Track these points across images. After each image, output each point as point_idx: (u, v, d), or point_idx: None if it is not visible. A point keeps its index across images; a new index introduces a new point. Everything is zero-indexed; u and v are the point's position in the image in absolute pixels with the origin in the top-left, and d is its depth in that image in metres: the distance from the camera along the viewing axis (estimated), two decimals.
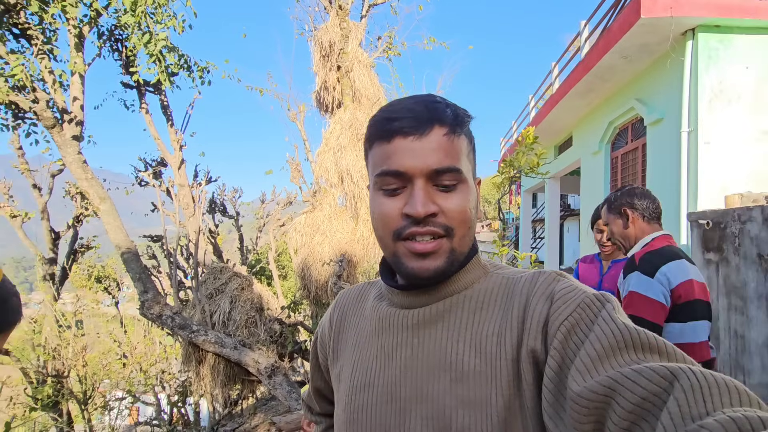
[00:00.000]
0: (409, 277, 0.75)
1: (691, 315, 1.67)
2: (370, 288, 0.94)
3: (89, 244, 11.76)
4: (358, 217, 8.83)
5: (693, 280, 1.68)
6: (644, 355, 0.56)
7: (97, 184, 6.47)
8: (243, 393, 7.91)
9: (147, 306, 6.62)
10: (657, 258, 1.72)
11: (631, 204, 1.95)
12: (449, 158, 0.71)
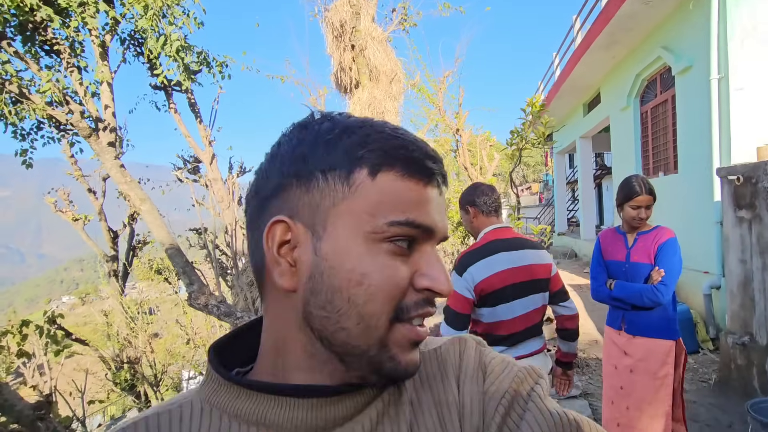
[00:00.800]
0: (390, 376, 0.49)
1: (499, 300, 2.03)
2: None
3: (145, 240, 12.29)
4: None
5: (498, 273, 2.03)
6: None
7: (136, 186, 6.67)
8: None
9: (194, 297, 6.85)
10: (468, 259, 2.07)
11: (472, 201, 2.24)
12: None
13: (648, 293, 2.35)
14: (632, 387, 2.42)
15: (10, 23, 5.44)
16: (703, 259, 5.47)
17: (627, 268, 2.50)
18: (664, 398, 2.34)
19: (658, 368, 2.37)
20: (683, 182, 6.11)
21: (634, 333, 2.46)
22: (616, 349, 2.53)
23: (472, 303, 2.05)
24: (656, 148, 7.45)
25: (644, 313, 2.43)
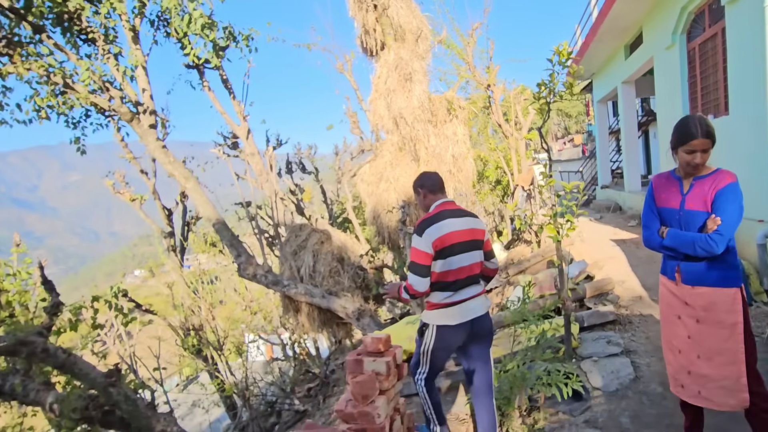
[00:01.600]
0: None
1: (449, 254, 2.58)
2: None
3: (197, 215, 12.69)
4: (419, 159, 8.53)
5: (448, 233, 2.59)
6: None
7: (180, 165, 6.80)
8: (339, 334, 8.30)
9: (242, 268, 7.03)
10: (425, 224, 2.61)
11: (421, 184, 2.86)
12: None
13: (701, 243, 2.13)
14: (701, 336, 2.25)
15: (47, 16, 5.51)
16: (756, 206, 5.01)
17: (681, 216, 2.28)
18: (735, 346, 2.16)
19: (725, 317, 2.17)
20: (735, 125, 5.56)
21: (692, 283, 2.26)
22: (676, 300, 2.34)
23: (431, 257, 2.58)
24: (705, 89, 6.80)
25: (700, 262, 2.21)
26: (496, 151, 15.82)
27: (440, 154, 9.38)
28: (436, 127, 9.53)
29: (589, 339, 4.28)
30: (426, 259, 2.55)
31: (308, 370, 9.78)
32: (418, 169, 9.57)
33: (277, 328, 12.91)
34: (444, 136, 9.54)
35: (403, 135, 9.30)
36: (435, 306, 2.60)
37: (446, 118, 9.63)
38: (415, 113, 8.93)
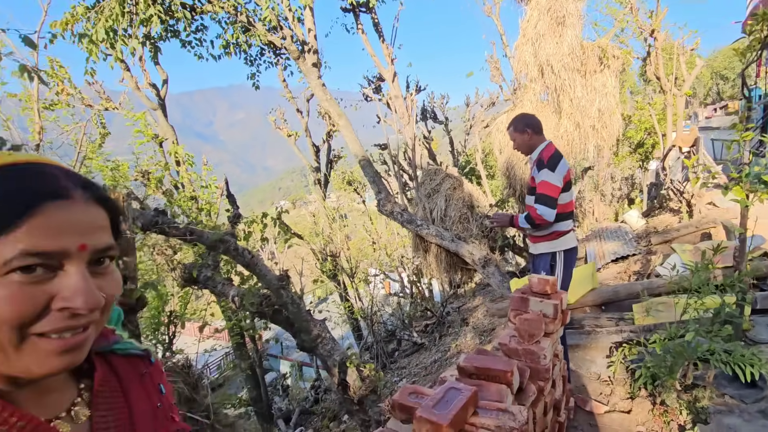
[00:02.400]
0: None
1: (568, 188, 2.83)
2: None
3: (339, 154, 13.24)
4: (561, 110, 7.73)
5: (569, 170, 2.85)
6: None
7: (335, 104, 6.97)
8: (462, 279, 8.20)
9: (382, 204, 7.16)
10: (555, 160, 2.79)
11: (528, 124, 2.90)
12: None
13: None
14: None
15: None
16: None
17: None
18: None
19: None
20: None
21: None
22: None
23: (560, 190, 2.77)
24: None
25: None
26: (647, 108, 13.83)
27: (585, 107, 8.41)
28: (584, 77, 8.51)
29: (763, 323, 3.59)
30: (556, 192, 2.77)
31: (427, 308, 9.97)
32: (560, 122, 8.72)
33: (397, 267, 13.32)
34: (592, 88, 8.50)
35: (547, 84, 8.47)
36: (560, 234, 2.87)
37: (597, 68, 8.54)
38: (564, 61, 8.02)
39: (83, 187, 0.52)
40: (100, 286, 0.51)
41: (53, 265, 0.48)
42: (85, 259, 0.50)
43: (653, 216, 9.03)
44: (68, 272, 0.49)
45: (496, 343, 1.97)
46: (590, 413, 2.63)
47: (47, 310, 0.48)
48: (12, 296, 0.45)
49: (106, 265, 0.54)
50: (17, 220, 0.46)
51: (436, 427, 1.22)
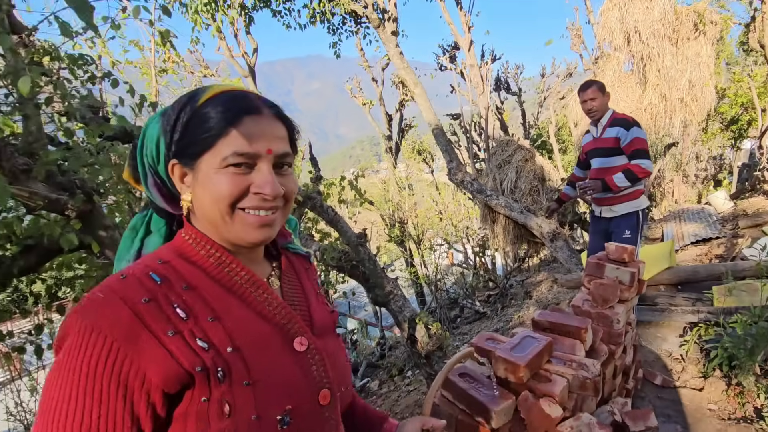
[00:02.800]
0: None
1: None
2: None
3: (411, 124, 13.21)
4: (647, 81, 7.14)
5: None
6: None
7: (411, 72, 6.95)
8: (529, 252, 8.04)
9: (452, 173, 7.13)
10: (638, 122, 3.00)
11: (603, 87, 3.06)
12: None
13: None
14: None
15: None
16: None
17: None
18: None
19: None
20: None
21: None
22: None
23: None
24: None
25: None
26: (746, 80, 12.34)
27: (674, 78, 7.71)
28: (675, 45, 7.77)
29: None
30: (648, 146, 2.97)
31: (490, 279, 9.91)
32: (644, 94, 8.09)
33: (462, 238, 13.27)
34: (683, 57, 7.75)
35: (633, 53, 7.84)
36: (641, 193, 3.04)
37: (690, 35, 7.74)
38: (654, 27, 7.37)
39: (269, 107, 0.69)
40: (281, 182, 0.68)
41: (250, 163, 0.65)
42: (271, 161, 0.67)
43: (743, 198, 8.23)
44: (260, 169, 0.66)
45: (569, 307, 1.98)
46: (659, 387, 2.58)
47: (247, 193, 0.65)
48: (228, 181, 0.64)
49: (285, 169, 0.70)
50: (229, 128, 0.64)
51: (513, 367, 1.30)
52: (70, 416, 0.53)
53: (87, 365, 0.54)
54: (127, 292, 0.58)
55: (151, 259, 0.66)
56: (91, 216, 1.75)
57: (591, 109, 3.02)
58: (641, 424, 1.45)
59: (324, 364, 0.70)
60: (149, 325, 0.57)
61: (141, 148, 0.70)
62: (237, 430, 0.58)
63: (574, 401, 1.37)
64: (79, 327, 0.56)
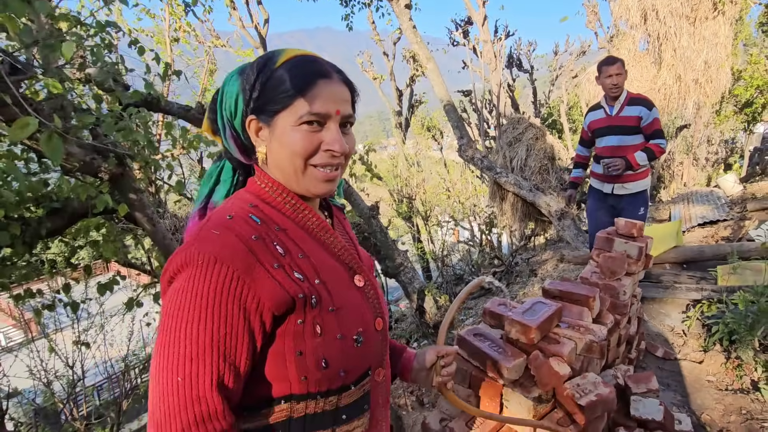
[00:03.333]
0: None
1: None
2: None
3: (421, 99, 13.08)
4: (662, 61, 7.02)
5: None
6: None
7: (424, 47, 6.86)
8: (536, 230, 8.08)
9: (463, 149, 7.12)
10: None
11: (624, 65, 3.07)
12: None
13: None
14: None
15: None
16: None
17: None
18: None
19: None
20: None
21: None
22: None
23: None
24: None
25: None
26: (763, 61, 12.05)
27: (690, 59, 7.56)
28: (693, 24, 7.59)
29: None
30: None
31: (496, 256, 9.99)
32: (658, 74, 7.96)
33: (468, 216, 13.30)
34: (700, 37, 7.57)
35: (650, 31, 7.67)
36: (650, 171, 3.14)
37: (709, 14, 7.55)
38: (672, 5, 7.19)
39: (337, 72, 0.76)
40: (345, 141, 0.76)
41: (321, 122, 0.73)
42: (338, 122, 0.74)
43: (753, 182, 8.19)
44: (329, 128, 0.74)
45: (577, 278, 2.05)
46: (660, 358, 2.67)
47: (318, 150, 0.74)
48: (303, 138, 0.72)
49: (348, 128, 0.78)
50: (305, 90, 0.71)
51: (525, 329, 1.38)
52: (201, 333, 0.62)
53: (213, 290, 0.64)
54: (238, 229, 0.68)
55: (241, 202, 0.75)
56: (122, 179, 1.82)
57: (616, 85, 3.00)
58: (643, 386, 1.54)
59: (377, 297, 0.84)
60: (260, 258, 0.67)
61: (220, 103, 0.78)
62: (326, 346, 0.70)
63: (581, 362, 1.45)
64: (202, 258, 0.65)
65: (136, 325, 4.64)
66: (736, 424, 2.09)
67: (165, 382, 0.62)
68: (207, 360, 0.62)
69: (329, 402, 0.73)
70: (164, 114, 3.43)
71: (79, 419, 3.95)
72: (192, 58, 5.49)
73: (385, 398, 0.86)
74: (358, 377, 0.77)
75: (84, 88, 3.01)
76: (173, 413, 0.61)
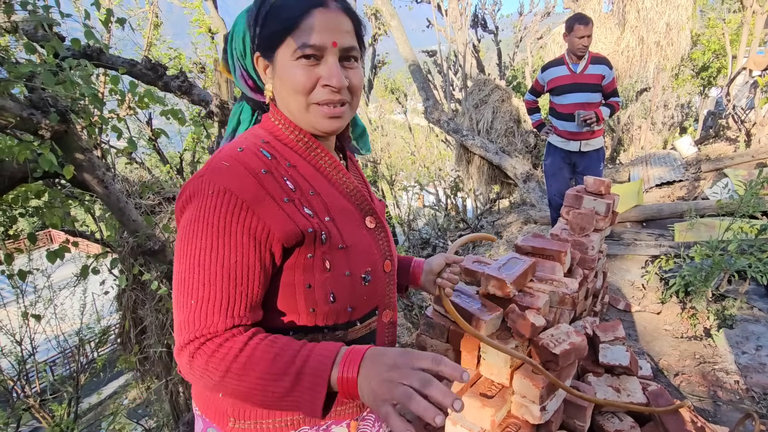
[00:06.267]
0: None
1: None
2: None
3: (383, 60, 12.81)
4: (625, 23, 7.16)
5: None
6: None
7: (388, 2, 6.67)
8: (501, 193, 8.26)
9: (429, 111, 7.09)
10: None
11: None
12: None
13: None
14: None
15: None
16: None
17: None
18: None
19: None
20: None
21: None
22: None
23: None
24: None
25: None
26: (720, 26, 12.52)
27: (652, 20, 7.74)
28: None
29: None
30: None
31: (462, 220, 10.18)
32: (621, 36, 8.12)
33: (434, 180, 13.41)
34: None
35: None
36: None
37: None
38: None
39: (336, 0, 0.73)
40: (347, 75, 0.73)
41: (318, 55, 0.71)
42: (336, 55, 0.72)
43: (706, 144, 8.63)
44: (327, 61, 0.72)
45: (547, 234, 2.11)
46: (622, 311, 2.84)
47: (316, 86, 0.72)
48: (300, 73, 0.71)
49: (352, 62, 0.75)
50: (299, 21, 0.69)
51: (501, 283, 1.41)
52: (213, 261, 0.65)
53: (223, 220, 0.66)
54: (248, 162, 0.69)
55: (254, 137, 0.76)
56: (66, 137, 1.68)
57: (586, 45, 3.05)
58: (611, 335, 1.62)
59: (387, 240, 0.86)
60: (270, 191, 0.69)
61: (230, 42, 0.79)
62: (334, 281, 0.73)
63: (554, 314, 1.51)
64: (212, 188, 0.67)
65: (89, 297, 4.46)
66: (691, 367, 2.27)
67: (182, 302, 0.67)
68: (217, 286, 0.65)
69: (336, 336, 0.77)
70: (107, 69, 3.18)
71: (32, 396, 3.82)
72: (133, 8, 5.07)
73: (391, 339, 0.90)
74: (365, 315, 0.80)
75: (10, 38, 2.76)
76: (183, 324, 0.66)
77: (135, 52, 5.04)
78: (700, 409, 1.97)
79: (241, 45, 0.77)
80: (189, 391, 3.69)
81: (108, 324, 5.26)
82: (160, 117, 2.41)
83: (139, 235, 2.19)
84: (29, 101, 1.54)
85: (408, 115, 15.31)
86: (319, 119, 0.74)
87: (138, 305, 3.37)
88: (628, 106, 12.07)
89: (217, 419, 0.79)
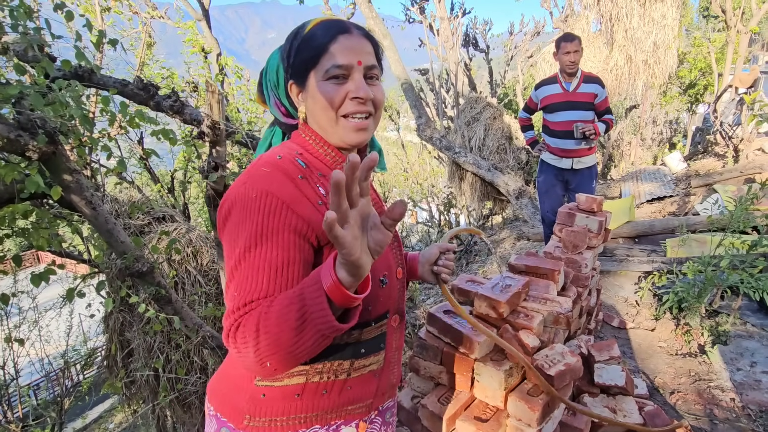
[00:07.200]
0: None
1: None
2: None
3: None
4: (613, 42, 7.34)
5: None
6: None
7: (380, 22, 6.77)
8: (493, 209, 8.30)
9: (421, 128, 7.15)
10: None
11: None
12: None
13: None
14: None
15: None
16: None
17: None
18: None
19: None
20: None
21: None
22: None
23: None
24: None
25: None
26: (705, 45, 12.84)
27: (640, 40, 7.94)
28: (643, 6, 7.95)
29: None
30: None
31: (456, 236, 10.18)
32: (610, 54, 8.31)
33: (427, 197, 13.46)
34: (650, 19, 7.96)
35: (603, 12, 7.97)
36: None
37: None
38: None
39: (357, 28, 0.85)
40: (372, 91, 0.83)
41: (346, 74, 0.81)
42: (361, 72, 0.82)
43: (696, 160, 8.76)
44: (353, 78, 0.82)
45: (541, 251, 2.11)
46: (616, 328, 2.83)
47: (345, 100, 0.82)
48: (330, 90, 0.81)
49: (374, 80, 0.85)
50: (328, 46, 0.80)
51: (494, 304, 1.40)
52: (257, 255, 0.72)
53: (269, 220, 0.73)
54: (286, 168, 0.79)
55: (289, 150, 0.85)
56: (54, 158, 1.67)
57: (574, 62, 3.12)
58: (606, 354, 1.61)
59: (399, 249, 0.95)
60: (306, 194, 0.77)
61: (265, 75, 0.92)
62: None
63: (548, 334, 1.50)
64: (255, 192, 0.75)
65: (75, 318, 4.38)
66: (686, 385, 2.26)
67: (229, 296, 0.73)
68: (260, 277, 0.72)
69: (352, 336, 0.84)
70: (98, 89, 3.19)
71: (14, 421, 3.71)
72: (126, 29, 5.12)
73: (398, 343, 0.98)
74: (378, 316, 0.87)
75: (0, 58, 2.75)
76: (229, 313, 0.72)
77: (127, 72, 5.06)
78: (696, 428, 1.96)
79: (274, 77, 0.89)
80: (176, 415, 3.60)
81: (94, 345, 5.16)
82: (151, 136, 2.41)
83: (127, 256, 2.16)
84: (17, 123, 1.54)
85: (401, 132, 15.44)
86: (347, 132, 0.83)
87: (125, 327, 3.31)
88: (618, 123, 12.26)
89: (233, 417, 0.85)
